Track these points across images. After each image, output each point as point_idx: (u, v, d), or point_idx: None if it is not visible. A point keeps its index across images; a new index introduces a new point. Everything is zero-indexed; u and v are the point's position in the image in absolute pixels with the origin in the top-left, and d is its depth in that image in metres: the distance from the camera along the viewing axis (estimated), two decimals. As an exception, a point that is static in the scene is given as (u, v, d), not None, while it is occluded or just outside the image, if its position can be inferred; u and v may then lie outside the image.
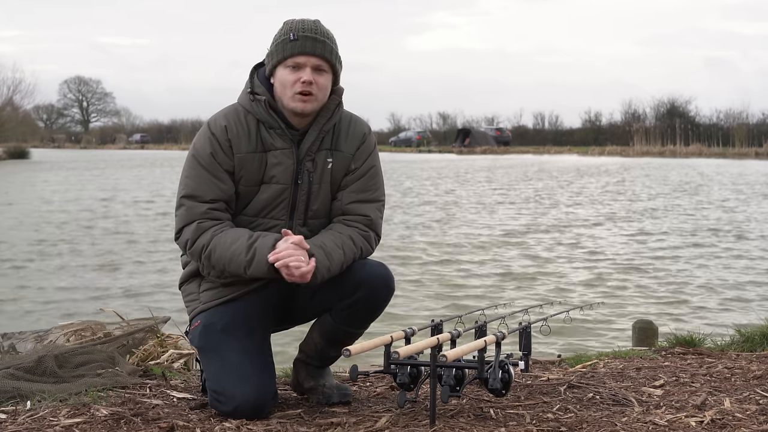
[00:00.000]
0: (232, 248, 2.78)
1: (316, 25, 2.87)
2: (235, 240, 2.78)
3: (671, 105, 63.98)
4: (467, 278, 9.41)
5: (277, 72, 2.87)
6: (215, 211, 2.85)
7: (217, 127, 2.88)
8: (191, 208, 2.85)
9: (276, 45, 2.86)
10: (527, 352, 3.24)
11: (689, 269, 10.04)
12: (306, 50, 2.82)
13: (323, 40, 2.85)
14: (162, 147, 76.22)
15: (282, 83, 2.85)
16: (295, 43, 2.82)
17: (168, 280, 9.01)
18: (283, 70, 2.85)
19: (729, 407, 2.97)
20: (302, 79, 2.81)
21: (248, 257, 2.76)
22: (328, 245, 2.82)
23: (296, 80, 2.82)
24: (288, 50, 2.83)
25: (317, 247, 2.80)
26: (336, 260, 2.82)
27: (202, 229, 2.83)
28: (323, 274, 2.79)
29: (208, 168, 2.85)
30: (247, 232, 2.82)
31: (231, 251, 2.78)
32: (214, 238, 2.81)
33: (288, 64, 2.84)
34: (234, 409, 2.79)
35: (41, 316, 7.33)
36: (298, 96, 2.83)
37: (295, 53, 2.82)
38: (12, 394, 3.03)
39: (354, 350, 2.60)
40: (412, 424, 2.74)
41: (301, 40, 2.82)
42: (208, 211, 2.84)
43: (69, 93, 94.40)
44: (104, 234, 13.37)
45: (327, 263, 2.80)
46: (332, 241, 2.85)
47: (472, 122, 73.95)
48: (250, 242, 2.77)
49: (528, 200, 19.91)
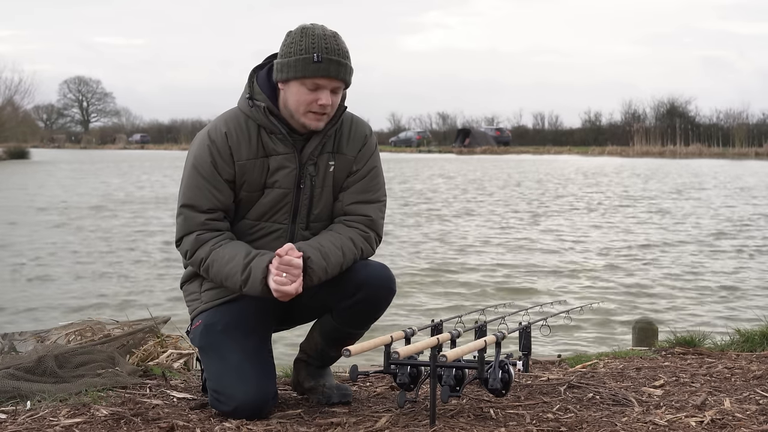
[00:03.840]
0: (229, 266, 2.78)
1: (338, 44, 2.78)
2: (232, 258, 2.78)
3: (671, 105, 64.00)
4: (467, 278, 9.41)
5: (292, 85, 2.80)
6: (214, 221, 2.85)
7: (218, 134, 2.85)
8: (190, 218, 2.85)
9: (296, 60, 2.76)
10: (527, 352, 3.25)
11: (689, 269, 10.04)
12: (330, 74, 2.77)
13: (345, 63, 2.80)
14: (162, 147, 76.22)
15: (297, 99, 2.79)
16: (318, 66, 2.74)
17: (169, 280, 9.01)
18: (299, 87, 2.79)
19: (729, 407, 2.97)
20: (320, 102, 2.77)
21: (243, 277, 2.77)
22: (326, 246, 2.82)
23: (313, 101, 2.78)
24: (310, 71, 2.75)
25: (314, 249, 2.79)
26: (334, 261, 2.82)
27: (201, 242, 2.83)
28: (319, 275, 2.79)
29: (206, 177, 2.84)
30: (245, 249, 2.81)
31: (228, 269, 2.78)
32: (212, 252, 2.81)
33: (307, 84, 2.77)
34: (234, 409, 2.79)
35: (41, 317, 7.33)
36: (311, 114, 2.80)
37: (317, 76, 2.76)
38: (12, 394, 3.03)
39: (354, 350, 2.60)
40: (412, 424, 2.74)
41: (325, 63, 2.75)
42: (206, 221, 2.84)
43: (69, 93, 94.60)
44: (104, 234, 13.37)
45: (323, 264, 2.79)
46: (331, 242, 2.84)
47: (471, 122, 74.07)
48: (246, 261, 2.77)
49: (525, 198, 19.93)
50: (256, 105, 2.85)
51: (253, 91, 2.88)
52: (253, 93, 2.87)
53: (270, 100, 2.85)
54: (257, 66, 2.94)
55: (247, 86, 2.90)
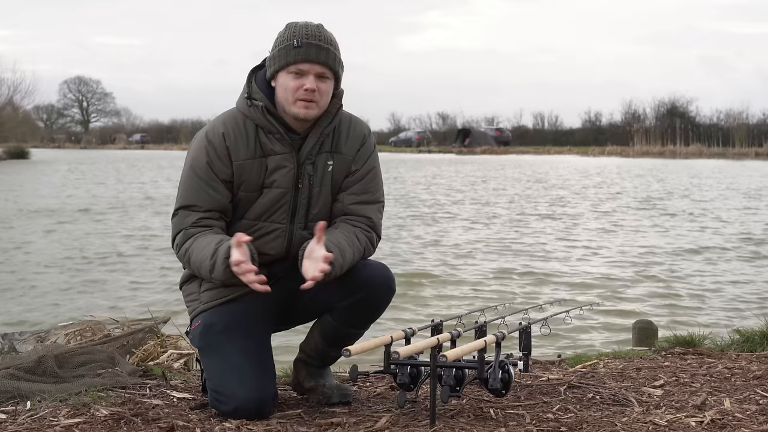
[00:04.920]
0: (203, 253, 2.78)
1: (320, 30, 2.84)
2: (207, 245, 2.78)
3: (671, 105, 64.02)
4: (468, 278, 9.41)
5: (279, 77, 2.84)
6: (207, 219, 2.86)
7: (215, 134, 2.86)
8: (184, 217, 2.87)
9: (279, 50, 2.83)
10: (527, 352, 3.24)
11: (689, 269, 10.04)
12: (310, 58, 2.79)
13: (327, 47, 2.82)
14: (162, 147, 76.21)
15: (284, 89, 2.83)
16: (298, 50, 2.79)
17: (168, 279, 9.01)
18: (285, 76, 2.82)
19: (729, 407, 2.97)
20: (305, 87, 2.79)
21: (211, 261, 2.76)
22: (343, 243, 2.82)
23: (299, 87, 2.80)
24: (291, 57, 2.80)
25: (334, 245, 2.78)
26: (348, 258, 2.82)
27: (188, 236, 2.85)
28: (337, 272, 2.78)
29: (203, 178, 2.85)
30: (220, 237, 2.80)
31: (201, 255, 2.79)
32: (193, 243, 2.82)
33: (291, 70, 2.81)
34: (234, 409, 2.79)
35: (41, 317, 7.33)
36: (300, 102, 2.81)
37: (298, 60, 2.79)
38: (12, 394, 3.03)
39: (354, 350, 2.61)
40: (412, 424, 2.74)
41: (305, 48, 2.79)
42: (199, 219, 2.85)
43: (69, 93, 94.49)
44: (104, 233, 13.37)
45: (341, 261, 2.79)
46: (345, 239, 2.85)
47: (471, 122, 74.08)
48: (216, 246, 2.75)
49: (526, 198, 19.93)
50: (254, 105, 2.85)
51: (251, 91, 2.89)
52: (251, 93, 2.88)
53: (268, 100, 2.87)
54: (256, 66, 2.95)
55: (246, 86, 2.91)
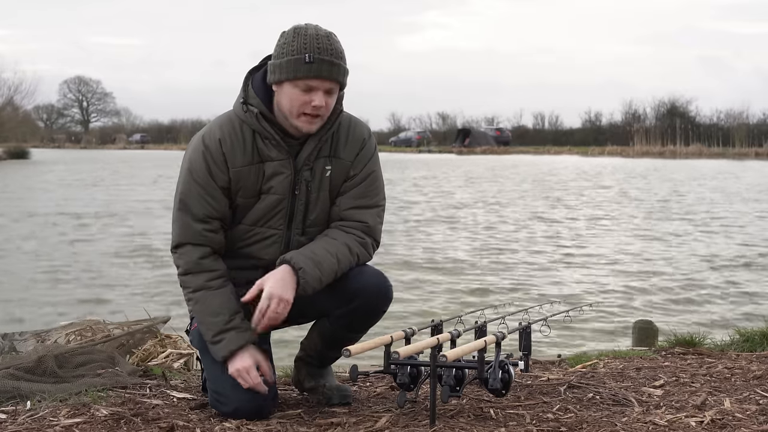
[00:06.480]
0: (208, 320, 2.80)
1: (331, 43, 2.71)
2: (216, 314, 2.79)
3: (671, 105, 64.00)
4: (467, 278, 9.40)
5: (285, 86, 2.74)
6: (210, 232, 2.81)
7: (212, 140, 2.81)
8: (186, 225, 2.82)
9: (288, 61, 2.71)
10: (527, 352, 3.24)
11: (689, 269, 10.04)
12: (322, 75, 2.69)
13: (338, 63, 2.72)
14: (162, 147, 76.18)
15: (290, 100, 2.74)
16: (310, 66, 2.68)
17: (168, 279, 9.00)
18: (292, 88, 2.73)
19: (729, 407, 2.97)
20: (314, 104, 2.72)
21: (214, 340, 2.79)
22: (319, 254, 2.77)
23: (306, 102, 2.72)
24: (302, 72, 2.69)
25: (307, 258, 2.75)
26: (327, 269, 2.77)
27: (197, 269, 2.81)
28: (313, 286, 2.75)
29: (202, 184, 2.80)
30: (230, 311, 2.79)
31: (207, 322, 2.80)
32: (202, 292, 2.81)
33: (299, 85, 2.72)
34: (234, 409, 2.79)
35: (41, 317, 7.33)
36: (305, 117, 2.74)
37: (310, 77, 2.69)
38: (12, 394, 3.03)
39: (354, 350, 2.61)
40: (412, 424, 2.74)
41: (317, 64, 2.68)
42: (203, 232, 2.81)
43: (69, 93, 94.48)
44: (104, 233, 13.36)
45: (317, 274, 2.75)
46: (325, 249, 2.79)
47: (471, 122, 74.04)
48: (225, 328, 2.78)
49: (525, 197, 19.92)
50: (249, 110, 2.80)
51: (247, 96, 2.82)
52: (247, 97, 2.82)
53: (265, 104, 2.80)
54: (253, 68, 2.88)
55: (242, 90, 2.84)
